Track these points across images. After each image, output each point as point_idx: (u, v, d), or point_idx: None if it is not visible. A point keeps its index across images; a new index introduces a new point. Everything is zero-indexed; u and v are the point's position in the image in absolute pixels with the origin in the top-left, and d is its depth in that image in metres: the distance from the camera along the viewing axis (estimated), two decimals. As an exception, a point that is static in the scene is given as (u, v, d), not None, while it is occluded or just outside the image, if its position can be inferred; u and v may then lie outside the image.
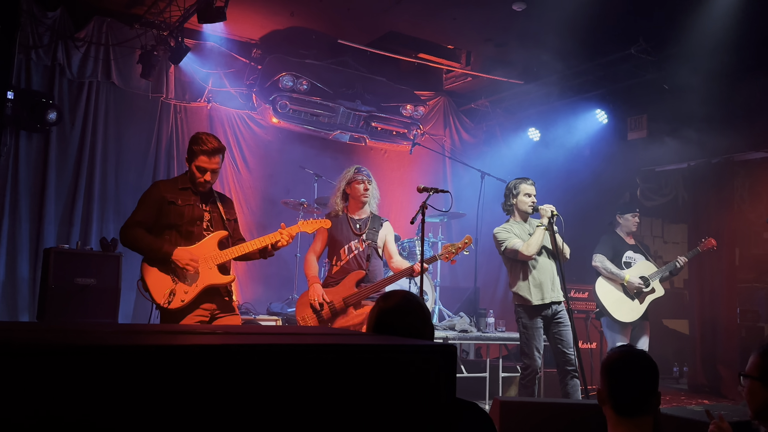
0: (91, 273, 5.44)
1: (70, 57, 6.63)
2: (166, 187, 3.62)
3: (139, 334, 1.21)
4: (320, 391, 0.91)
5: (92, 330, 1.18)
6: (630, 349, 2.31)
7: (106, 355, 0.78)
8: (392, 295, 2.03)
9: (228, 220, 3.71)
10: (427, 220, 4.32)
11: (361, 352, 0.98)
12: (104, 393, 0.76)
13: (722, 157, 7.39)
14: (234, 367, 0.85)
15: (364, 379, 0.95)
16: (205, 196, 3.69)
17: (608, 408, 2.15)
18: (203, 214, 3.62)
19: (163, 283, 3.46)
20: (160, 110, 7.26)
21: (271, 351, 0.90)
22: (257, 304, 7.07)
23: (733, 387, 6.96)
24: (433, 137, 8.71)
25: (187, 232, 3.54)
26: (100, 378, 0.76)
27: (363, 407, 0.94)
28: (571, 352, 4.61)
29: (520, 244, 4.69)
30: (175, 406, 0.81)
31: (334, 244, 4.50)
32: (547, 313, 4.72)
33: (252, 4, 6.74)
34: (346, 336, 1.35)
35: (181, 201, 3.56)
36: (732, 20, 5.54)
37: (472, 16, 6.72)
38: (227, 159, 7.64)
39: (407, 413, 0.99)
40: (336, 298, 4.35)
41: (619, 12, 6.06)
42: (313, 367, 0.91)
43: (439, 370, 1.02)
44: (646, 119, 7.53)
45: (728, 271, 7.35)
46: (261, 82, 7.53)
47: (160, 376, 0.80)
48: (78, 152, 6.70)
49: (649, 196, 9.21)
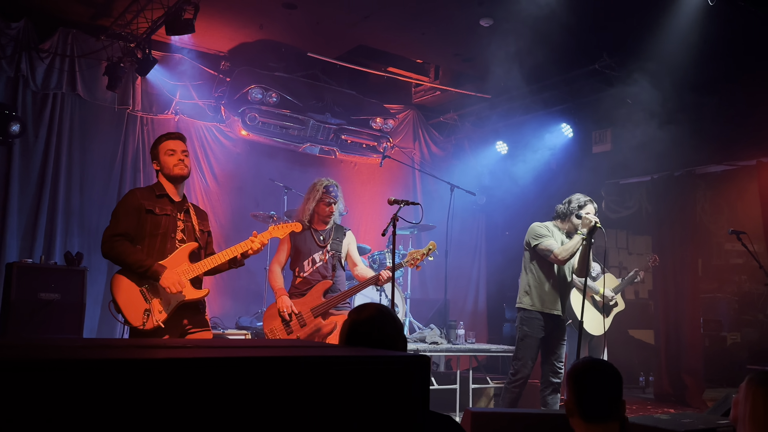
0: (55, 288, 5.33)
1: (34, 68, 6.52)
2: (143, 194, 3.48)
3: (110, 348, 1.19)
4: (294, 404, 0.90)
5: (59, 345, 1.16)
6: (594, 359, 2.41)
7: (77, 369, 0.77)
8: (365, 308, 2.04)
9: (202, 232, 3.62)
10: (398, 232, 4.33)
11: (335, 364, 0.98)
12: (74, 409, 0.75)
13: (684, 170, 7.56)
14: (206, 381, 0.84)
15: (337, 392, 0.94)
16: (180, 205, 3.58)
17: (576, 417, 2.19)
18: (177, 225, 3.50)
19: (136, 302, 3.29)
20: (126, 122, 7.16)
21: (245, 364, 0.89)
22: (225, 318, 6.99)
23: (698, 396, 7.10)
24: (402, 150, 8.77)
25: (162, 243, 3.41)
26: (68, 393, 0.75)
27: (337, 420, 0.94)
28: (561, 367, 4.62)
29: (555, 246, 4.59)
30: (147, 420, 0.79)
31: (298, 255, 4.48)
32: (550, 324, 4.67)
33: (221, 17, 6.72)
34: (318, 348, 1.35)
35: (158, 210, 3.43)
36: (694, 36, 5.70)
37: (441, 31, 6.80)
38: (195, 171, 7.57)
39: (382, 426, 0.98)
40: (304, 308, 4.34)
41: (583, 28, 6.19)
42: (287, 379, 0.90)
43: (413, 381, 1.02)
44: (610, 133, 7.69)
45: (691, 282, 7.50)
46: (230, 95, 7.50)
47: (131, 390, 0.78)
48: (42, 165, 6.57)
49: (614, 209, 9.38)
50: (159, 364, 0.85)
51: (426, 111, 9.26)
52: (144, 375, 0.80)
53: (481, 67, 7.43)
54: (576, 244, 4.55)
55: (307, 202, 4.54)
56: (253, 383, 0.87)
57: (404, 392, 1.01)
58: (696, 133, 6.85)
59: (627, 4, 5.75)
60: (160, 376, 0.81)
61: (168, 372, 0.82)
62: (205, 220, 3.74)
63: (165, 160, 3.51)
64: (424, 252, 4.54)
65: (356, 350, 1.26)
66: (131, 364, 0.82)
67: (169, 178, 3.53)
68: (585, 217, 4.53)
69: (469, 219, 8.80)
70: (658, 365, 7.62)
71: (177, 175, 3.51)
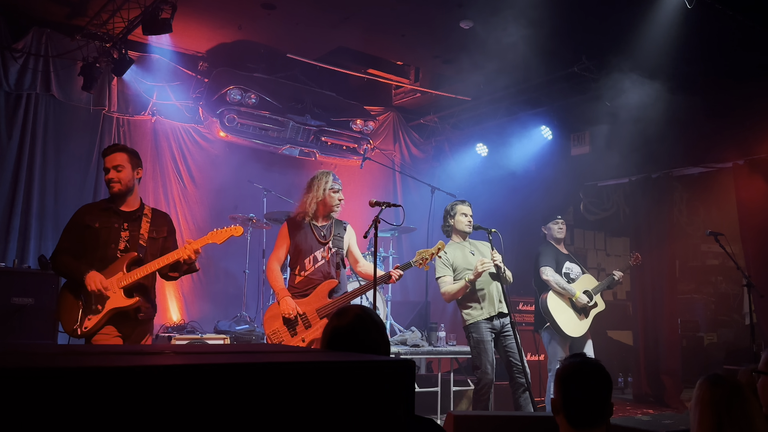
0: (28, 292, 5.21)
1: (7, 68, 6.39)
2: (88, 209, 3.68)
3: (86, 355, 1.15)
4: (279, 410, 0.88)
5: (34, 352, 1.11)
6: (585, 359, 2.33)
7: (54, 378, 0.73)
8: (347, 311, 2.00)
9: (153, 239, 3.68)
10: (379, 234, 4.30)
11: (318, 369, 0.95)
12: (50, 419, 0.72)
13: (662, 173, 7.65)
14: (188, 389, 0.81)
15: (321, 397, 0.92)
16: (130, 215, 3.65)
17: (561, 417, 2.17)
18: (120, 236, 3.59)
19: (73, 309, 3.49)
20: (102, 124, 7.05)
21: (229, 370, 0.86)
22: (204, 322, 6.90)
23: (676, 396, 7.16)
24: (383, 152, 8.75)
25: (102, 255, 3.54)
26: (44, 403, 0.72)
27: (322, 426, 0.92)
28: (520, 365, 4.69)
29: (446, 284, 4.85)
30: (124, 429, 0.76)
31: (298, 252, 4.30)
32: (496, 326, 4.81)
33: (199, 17, 6.64)
34: (302, 353, 1.32)
35: (99, 224, 3.57)
36: (671, 39, 5.76)
37: (421, 32, 6.79)
38: (172, 173, 7.48)
39: (366, 431, 0.96)
40: (308, 309, 4.16)
41: (562, 31, 6.22)
42: (271, 386, 0.88)
43: (397, 385, 1.01)
44: (588, 135, 7.75)
45: (669, 283, 7.58)
46: (208, 96, 7.41)
47: (108, 399, 0.76)
48: (15, 166, 6.43)
49: (592, 210, 9.46)
50: (136, 371, 0.81)
51: (406, 113, 9.25)
52: (122, 383, 0.78)
53: (461, 70, 7.44)
54: (458, 289, 4.78)
55: (311, 192, 4.38)
56: (240, 390, 0.85)
57: (391, 397, 1.00)
58: (673, 135, 6.93)
59: (605, 7, 5.79)
60: (138, 385, 0.79)
61: (146, 380, 0.80)
62: (163, 225, 3.78)
63: (105, 177, 3.65)
64: (433, 251, 4.48)
65: (338, 355, 1.23)
66: (108, 372, 0.79)
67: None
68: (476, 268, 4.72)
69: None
70: (637, 366, 7.68)
71: (112, 194, 3.64)
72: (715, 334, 9.23)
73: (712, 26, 5.69)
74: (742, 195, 6.84)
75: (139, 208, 3.70)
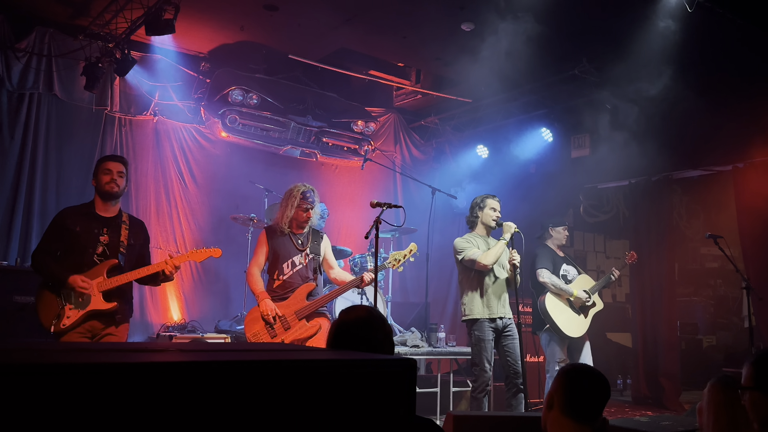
0: (30, 291, 5.21)
1: (9, 68, 6.40)
2: (70, 212, 3.84)
3: (89, 352, 1.16)
4: (282, 407, 0.89)
5: (39, 349, 1.13)
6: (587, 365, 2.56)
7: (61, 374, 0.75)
8: (354, 310, 2.04)
9: (131, 245, 3.86)
10: (380, 235, 4.33)
11: (321, 367, 0.97)
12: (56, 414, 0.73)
13: (661, 175, 7.66)
14: (193, 385, 0.82)
15: (324, 396, 0.93)
16: (110, 220, 3.82)
17: (556, 411, 2.24)
18: (98, 241, 3.76)
19: (51, 307, 3.65)
20: (104, 123, 7.06)
21: (234, 368, 0.88)
22: (205, 322, 6.92)
23: (675, 398, 7.18)
24: (384, 153, 8.76)
25: (80, 257, 3.71)
26: (51, 398, 0.73)
27: (324, 423, 0.93)
28: (518, 366, 4.72)
29: (478, 254, 4.80)
30: (129, 425, 0.78)
31: (276, 258, 4.47)
32: (498, 326, 4.83)
33: (201, 18, 6.67)
34: (304, 352, 1.34)
35: (79, 228, 3.74)
36: (671, 42, 5.78)
37: (422, 34, 6.81)
38: (173, 173, 7.50)
39: (368, 430, 0.98)
40: (287, 311, 4.32)
41: (563, 33, 6.24)
42: (274, 384, 0.89)
43: (399, 384, 1.02)
44: (588, 138, 7.76)
45: (668, 286, 7.59)
46: (210, 96, 7.43)
47: (113, 394, 0.77)
48: (17, 166, 6.45)
49: (592, 213, 9.47)
50: (144, 368, 0.83)
51: (407, 114, 9.28)
52: (129, 380, 0.79)
53: (462, 72, 7.45)
54: (500, 249, 4.83)
55: (284, 208, 4.54)
56: (243, 387, 0.86)
57: (393, 396, 1.00)
58: (673, 138, 6.94)
59: (606, 10, 5.81)
60: (145, 381, 0.80)
61: (151, 376, 0.81)
62: (141, 232, 4.02)
63: (100, 178, 3.83)
64: (406, 253, 4.63)
65: (341, 353, 1.25)
66: (116, 368, 0.80)
67: (100, 194, 3.85)
68: (506, 225, 4.86)
69: (450, 222, 8.81)
70: (636, 368, 7.69)
71: (106, 191, 3.81)
72: (714, 336, 9.24)
73: (712, 29, 5.71)
74: (742, 198, 6.85)
75: (118, 215, 3.91)
